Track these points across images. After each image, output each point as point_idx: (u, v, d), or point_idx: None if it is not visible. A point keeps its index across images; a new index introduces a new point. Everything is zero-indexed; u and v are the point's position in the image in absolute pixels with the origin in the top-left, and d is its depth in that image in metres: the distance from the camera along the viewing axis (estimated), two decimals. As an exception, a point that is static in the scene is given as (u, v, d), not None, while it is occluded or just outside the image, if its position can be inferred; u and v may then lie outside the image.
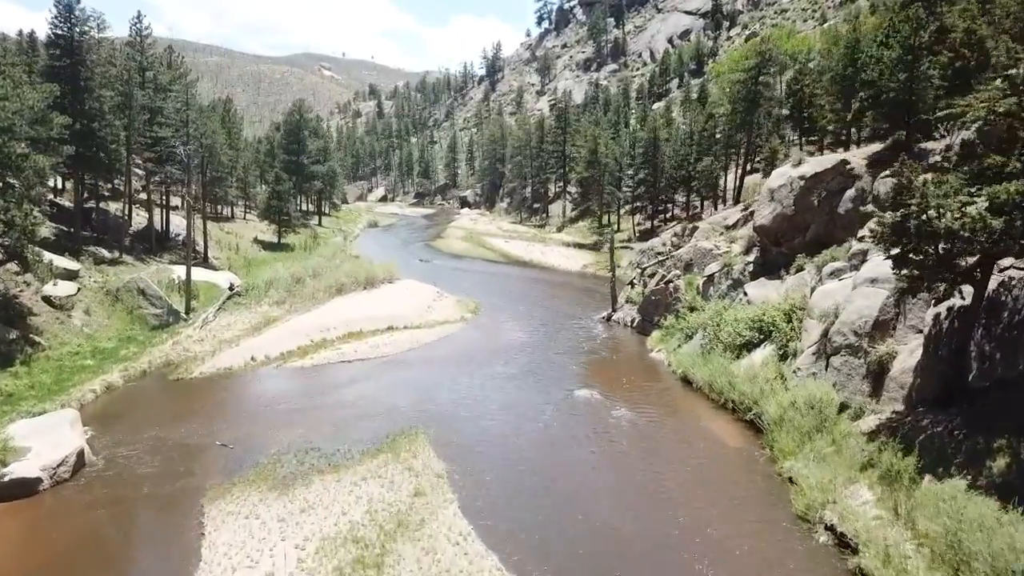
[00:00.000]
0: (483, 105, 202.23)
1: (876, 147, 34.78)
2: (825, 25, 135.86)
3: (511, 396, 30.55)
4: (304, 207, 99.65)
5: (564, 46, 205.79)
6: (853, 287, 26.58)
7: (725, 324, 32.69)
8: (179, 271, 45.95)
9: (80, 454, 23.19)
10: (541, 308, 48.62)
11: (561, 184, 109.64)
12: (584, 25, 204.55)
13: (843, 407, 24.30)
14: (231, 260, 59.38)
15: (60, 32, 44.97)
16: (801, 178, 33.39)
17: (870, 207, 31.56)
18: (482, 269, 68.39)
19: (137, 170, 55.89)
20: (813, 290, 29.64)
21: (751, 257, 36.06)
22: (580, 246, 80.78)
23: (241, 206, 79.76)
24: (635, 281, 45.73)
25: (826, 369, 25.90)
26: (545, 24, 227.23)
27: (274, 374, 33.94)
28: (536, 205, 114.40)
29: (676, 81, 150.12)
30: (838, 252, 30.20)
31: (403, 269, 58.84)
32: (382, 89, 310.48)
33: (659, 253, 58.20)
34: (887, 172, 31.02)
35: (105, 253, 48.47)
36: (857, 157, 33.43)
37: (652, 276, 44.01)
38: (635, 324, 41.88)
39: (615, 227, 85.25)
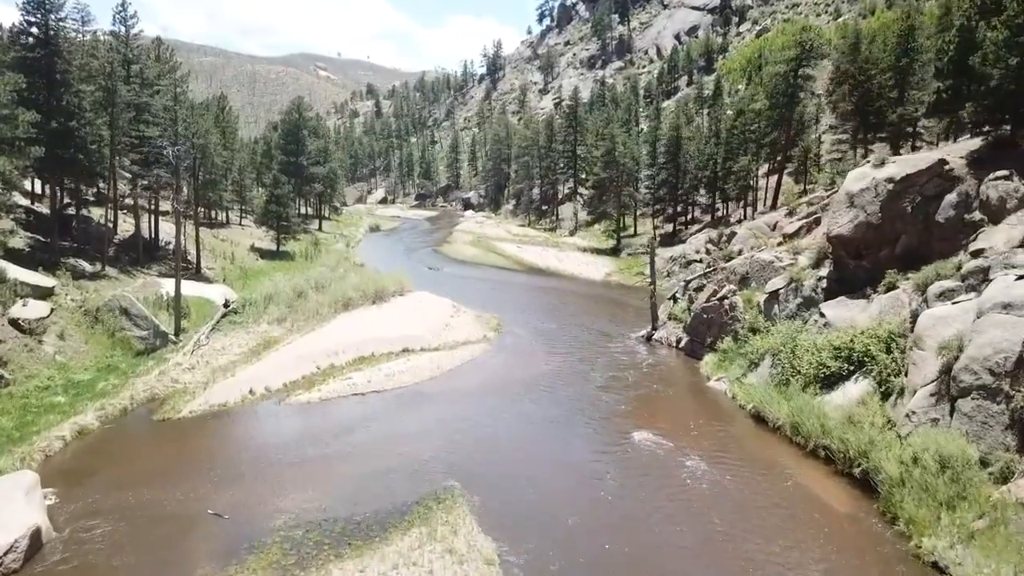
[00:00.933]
0: (485, 104, 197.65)
1: (972, 144, 30.15)
2: (840, 20, 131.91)
3: (559, 443, 25.82)
4: (304, 211, 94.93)
5: (567, 43, 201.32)
6: (979, 314, 21.90)
7: (802, 351, 28.05)
8: (168, 285, 41.13)
9: (36, 534, 18.41)
10: (570, 324, 43.90)
11: (571, 185, 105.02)
12: (587, 22, 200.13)
13: (982, 463, 19.69)
14: (226, 271, 54.57)
15: (33, 20, 40.10)
16: (889, 181, 28.71)
17: (977, 215, 26.96)
18: (496, 278, 63.67)
19: (125, 173, 51.06)
20: (916, 314, 24.96)
21: (823, 271, 31.39)
22: (597, 251, 76.12)
23: (237, 211, 74.93)
24: (678, 296, 41.03)
25: (951, 415, 21.22)
26: (547, 21, 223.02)
27: (276, 412, 29.17)
28: (544, 207, 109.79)
29: (685, 78, 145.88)
30: (944, 268, 25.52)
31: (412, 279, 54.07)
32: (379, 89, 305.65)
33: (692, 261, 53.54)
34: (999, 174, 26.40)
35: (86, 266, 43.67)
36: (954, 156, 28.78)
37: (699, 290, 39.33)
38: (682, 345, 37.21)
39: (631, 230, 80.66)
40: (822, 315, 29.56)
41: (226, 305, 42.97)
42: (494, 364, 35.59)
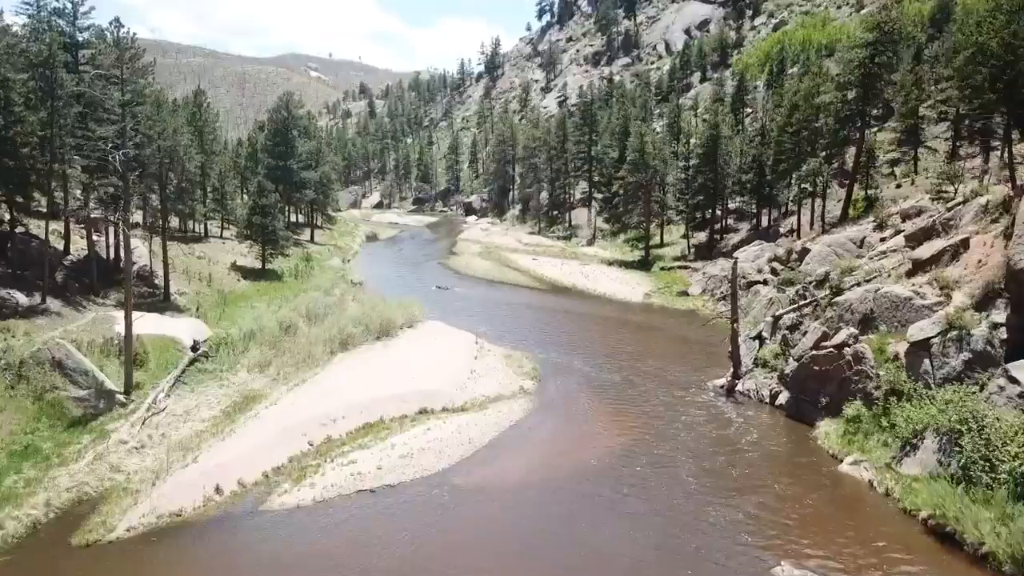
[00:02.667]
0: (485, 103, 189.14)
1: None
2: (862, 12, 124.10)
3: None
4: (295, 218, 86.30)
5: (569, 39, 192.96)
6: None
7: (997, 434, 19.78)
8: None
9: None
10: (622, 367, 35.47)
11: (585, 189, 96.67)
12: (590, 17, 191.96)
13: None
14: (201, 297, 45.95)
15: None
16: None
17: None
18: (517, 299, 55.18)
19: (75, 181, 42.31)
20: None
21: (998, 316, 23.11)
22: (623, 265, 67.75)
23: (218, 221, 66.23)
24: (764, 334, 32.67)
25: None
26: (547, 17, 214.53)
27: (252, 527, 20.62)
28: (554, 213, 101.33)
29: (698, 75, 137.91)
30: None
31: (421, 302, 45.62)
32: (373, 89, 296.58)
33: (754, 282, 45.24)
34: None
35: (19, 298, 35.08)
36: None
37: (793, 329, 31.01)
38: (782, 403, 28.88)
39: (656, 239, 72.26)
40: (1012, 380, 21.25)
41: (195, 348, 34.35)
42: (542, 436, 27.09)
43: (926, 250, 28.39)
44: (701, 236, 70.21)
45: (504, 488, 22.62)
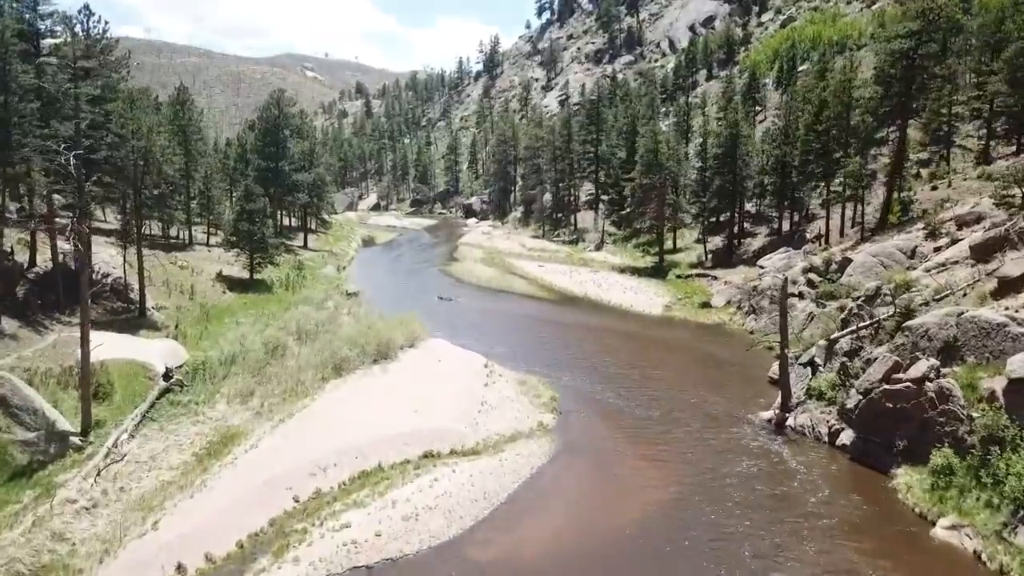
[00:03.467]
0: (484, 102, 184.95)
1: None
2: (875, 7, 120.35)
3: None
4: (288, 222, 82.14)
5: (570, 37, 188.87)
6: None
7: None
8: (98, 339, 27.87)
9: None
10: (653, 396, 31.41)
11: (591, 191, 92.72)
12: (591, 14, 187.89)
13: None
14: (180, 312, 41.84)
15: None
16: None
17: None
18: (526, 311, 51.10)
19: (39, 185, 38.15)
20: None
21: (1125, 350, 19.12)
22: (636, 272, 63.74)
23: (205, 226, 62.01)
24: (817, 360, 28.66)
25: None
26: (547, 15, 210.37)
27: (218, 624, 16.59)
28: (558, 215, 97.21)
29: (704, 73, 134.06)
30: None
31: (423, 316, 41.53)
32: (369, 88, 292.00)
33: (789, 295, 41.27)
34: None
35: (-32, 320, 31.00)
36: None
37: (852, 355, 27.03)
38: (844, 444, 24.85)
39: (669, 243, 68.23)
40: None
41: (167, 376, 30.24)
42: (569, 487, 23.00)
43: (1015, 267, 24.37)
44: (716, 240, 66.27)
45: (532, 563, 18.53)
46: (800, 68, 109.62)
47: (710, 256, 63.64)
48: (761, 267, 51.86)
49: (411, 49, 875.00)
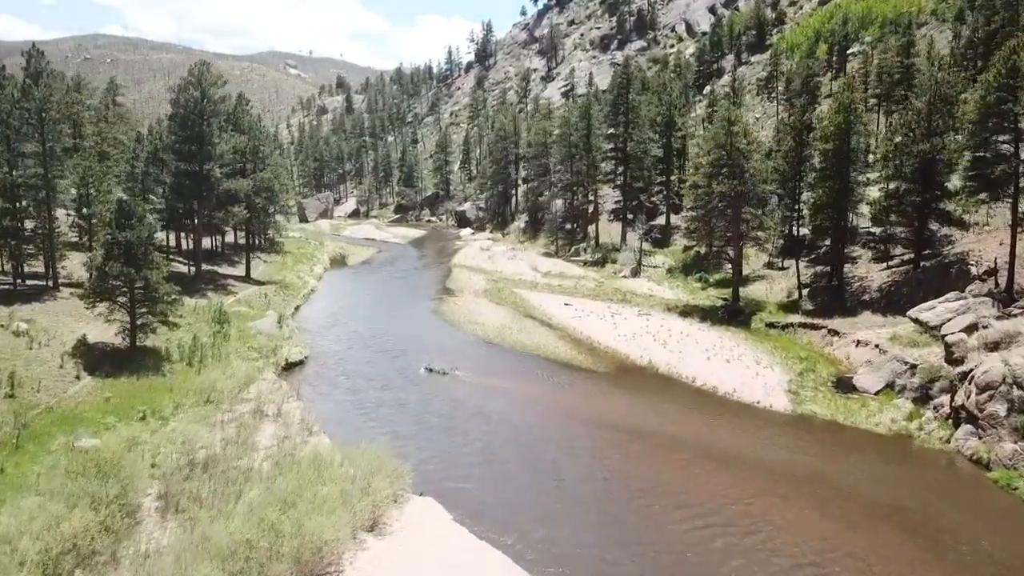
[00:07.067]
0: (477, 94, 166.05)
1: None
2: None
3: None
4: (233, 237, 63.28)
5: (571, 23, 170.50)
6: None
7: None
8: None
9: None
10: None
11: (617, 198, 74.13)
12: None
13: None
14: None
15: None
16: None
17: None
18: (569, 404, 32.37)
19: None
20: None
21: None
22: (703, 315, 45.44)
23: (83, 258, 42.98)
24: None
25: None
26: (543, 0, 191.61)
27: None
28: (572, 227, 78.73)
29: (732, 58, 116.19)
30: None
31: (397, 414, 22.99)
32: (352, 84, 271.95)
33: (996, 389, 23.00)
34: None
35: None
36: None
37: None
38: None
39: (726, 268, 49.93)
40: None
41: None
42: None
43: None
44: (803, 267, 47.85)
45: None
46: (857, 48, 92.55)
47: (806, 293, 45.38)
48: (920, 322, 33.67)
49: (397, 48, 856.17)
